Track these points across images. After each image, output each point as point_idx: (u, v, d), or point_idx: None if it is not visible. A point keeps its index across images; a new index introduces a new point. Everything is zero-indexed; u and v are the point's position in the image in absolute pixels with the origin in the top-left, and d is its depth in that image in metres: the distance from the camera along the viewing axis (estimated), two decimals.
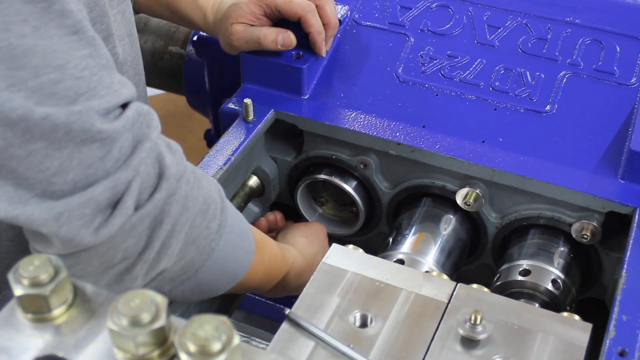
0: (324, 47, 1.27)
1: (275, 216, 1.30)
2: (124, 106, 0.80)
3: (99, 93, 0.76)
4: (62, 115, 0.72)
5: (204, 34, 1.44)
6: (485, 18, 1.34)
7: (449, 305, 0.92)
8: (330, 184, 1.29)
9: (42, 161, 0.74)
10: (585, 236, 1.15)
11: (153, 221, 0.81)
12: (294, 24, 1.25)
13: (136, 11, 1.38)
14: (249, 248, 0.96)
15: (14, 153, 0.73)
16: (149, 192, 0.80)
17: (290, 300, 0.97)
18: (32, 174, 0.74)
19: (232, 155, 1.16)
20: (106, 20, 0.95)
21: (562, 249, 1.17)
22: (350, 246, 1.01)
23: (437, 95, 1.25)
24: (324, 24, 1.25)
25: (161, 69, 1.65)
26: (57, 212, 0.75)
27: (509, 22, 1.33)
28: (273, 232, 1.29)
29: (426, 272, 1.04)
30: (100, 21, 0.94)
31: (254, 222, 1.30)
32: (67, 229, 0.76)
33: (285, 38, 1.23)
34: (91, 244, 0.77)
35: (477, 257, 1.28)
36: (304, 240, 1.20)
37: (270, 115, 1.24)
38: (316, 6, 1.24)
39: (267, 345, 0.88)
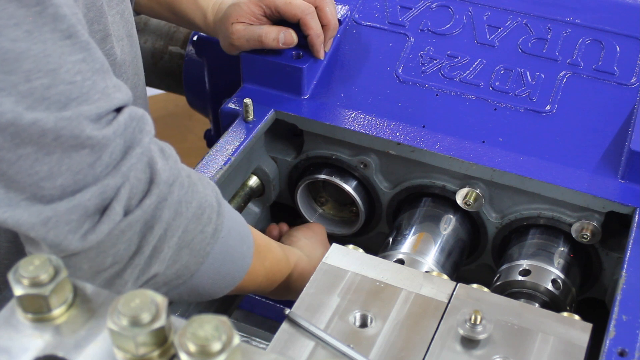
0: (322, 50, 1.27)
1: (281, 228, 1.30)
2: (119, 110, 0.79)
3: (92, 98, 0.75)
4: (51, 121, 0.72)
5: (204, 34, 1.44)
6: (485, 18, 1.34)
7: (449, 305, 0.92)
8: (330, 184, 1.29)
9: (32, 165, 0.73)
10: (585, 236, 1.15)
11: (143, 226, 0.81)
12: (294, 24, 1.25)
13: (137, 12, 1.38)
14: (247, 252, 0.96)
15: (4, 156, 0.73)
16: (139, 198, 0.80)
17: (290, 301, 0.97)
18: (21, 177, 0.74)
19: (232, 155, 1.16)
20: (104, 21, 0.95)
21: (562, 249, 1.17)
22: (350, 246, 1.01)
23: (437, 95, 1.25)
24: (323, 26, 1.25)
25: (161, 69, 1.65)
26: (45, 217, 0.75)
27: (509, 22, 1.33)
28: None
29: (426, 272, 1.04)
30: (97, 21, 0.93)
31: (266, 228, 1.30)
32: (55, 234, 0.75)
33: (287, 36, 1.23)
34: (79, 249, 0.77)
35: (477, 257, 1.28)
36: (307, 242, 1.20)
37: (270, 115, 1.24)
38: (316, 7, 1.24)
39: (267, 345, 0.88)
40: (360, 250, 1.01)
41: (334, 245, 1.01)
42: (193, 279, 0.89)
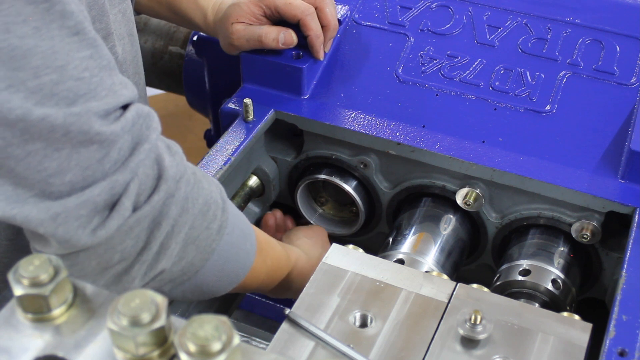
0: (321, 51, 1.27)
1: (275, 215, 1.30)
2: (125, 107, 0.80)
3: (99, 94, 0.76)
4: (60, 117, 0.73)
5: (204, 34, 1.44)
6: (485, 18, 1.34)
7: (449, 305, 0.92)
8: (330, 184, 1.29)
9: (41, 161, 0.74)
10: (585, 236, 1.15)
11: (151, 222, 0.81)
12: (294, 25, 1.25)
13: (137, 12, 1.38)
14: (250, 249, 0.96)
15: (12, 153, 0.73)
16: (147, 194, 0.80)
17: (290, 300, 0.97)
18: (30, 174, 0.74)
19: (232, 155, 1.16)
20: (105, 19, 0.95)
21: (562, 248, 1.17)
22: (350, 246, 1.01)
23: (437, 95, 1.25)
24: (323, 26, 1.26)
25: (161, 69, 1.65)
26: (54, 213, 0.75)
27: (509, 22, 1.33)
28: (278, 232, 1.30)
29: (426, 272, 1.04)
30: (99, 20, 0.94)
31: (261, 220, 1.31)
32: (64, 229, 0.76)
33: (287, 36, 1.23)
34: (88, 244, 0.77)
35: (477, 257, 1.28)
36: (307, 241, 1.20)
37: (270, 115, 1.24)
38: (315, 8, 1.24)
39: (267, 345, 0.88)
40: (360, 250, 1.01)
41: (334, 245, 1.01)
42: (198, 276, 0.90)
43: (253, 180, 1.29)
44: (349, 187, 1.27)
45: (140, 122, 0.80)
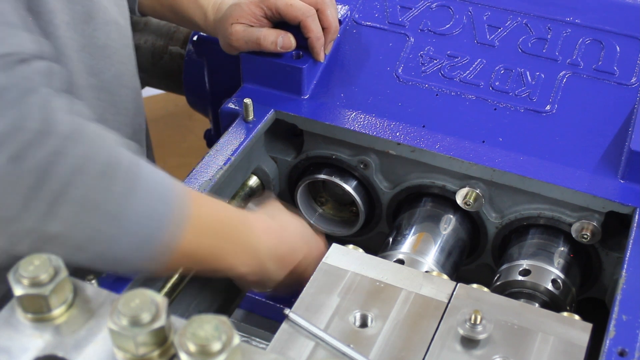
0: (322, 53, 1.27)
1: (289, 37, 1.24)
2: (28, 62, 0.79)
3: None
4: None
5: (204, 34, 1.44)
6: (485, 18, 1.34)
7: (449, 305, 0.93)
8: (330, 184, 1.29)
9: None
10: (585, 236, 1.15)
11: (35, 180, 0.77)
12: (295, 26, 1.25)
13: (142, 14, 1.38)
14: (176, 212, 0.88)
15: None
16: (29, 147, 0.76)
17: (290, 301, 0.97)
18: None
19: (232, 155, 1.16)
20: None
21: (562, 248, 1.17)
22: (350, 246, 1.01)
23: (437, 95, 1.25)
24: (323, 28, 1.26)
25: (161, 69, 1.65)
26: None
27: (509, 22, 1.33)
28: None
29: (426, 272, 1.04)
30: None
31: None
32: None
33: (285, 40, 1.23)
34: None
35: (477, 257, 1.28)
36: (261, 209, 1.10)
37: (270, 115, 1.24)
38: (317, 10, 1.24)
39: (267, 345, 0.88)
40: (360, 250, 1.01)
41: (334, 245, 1.01)
42: (112, 245, 0.83)
43: (253, 180, 1.29)
44: (349, 187, 1.27)
45: (35, 77, 0.78)
